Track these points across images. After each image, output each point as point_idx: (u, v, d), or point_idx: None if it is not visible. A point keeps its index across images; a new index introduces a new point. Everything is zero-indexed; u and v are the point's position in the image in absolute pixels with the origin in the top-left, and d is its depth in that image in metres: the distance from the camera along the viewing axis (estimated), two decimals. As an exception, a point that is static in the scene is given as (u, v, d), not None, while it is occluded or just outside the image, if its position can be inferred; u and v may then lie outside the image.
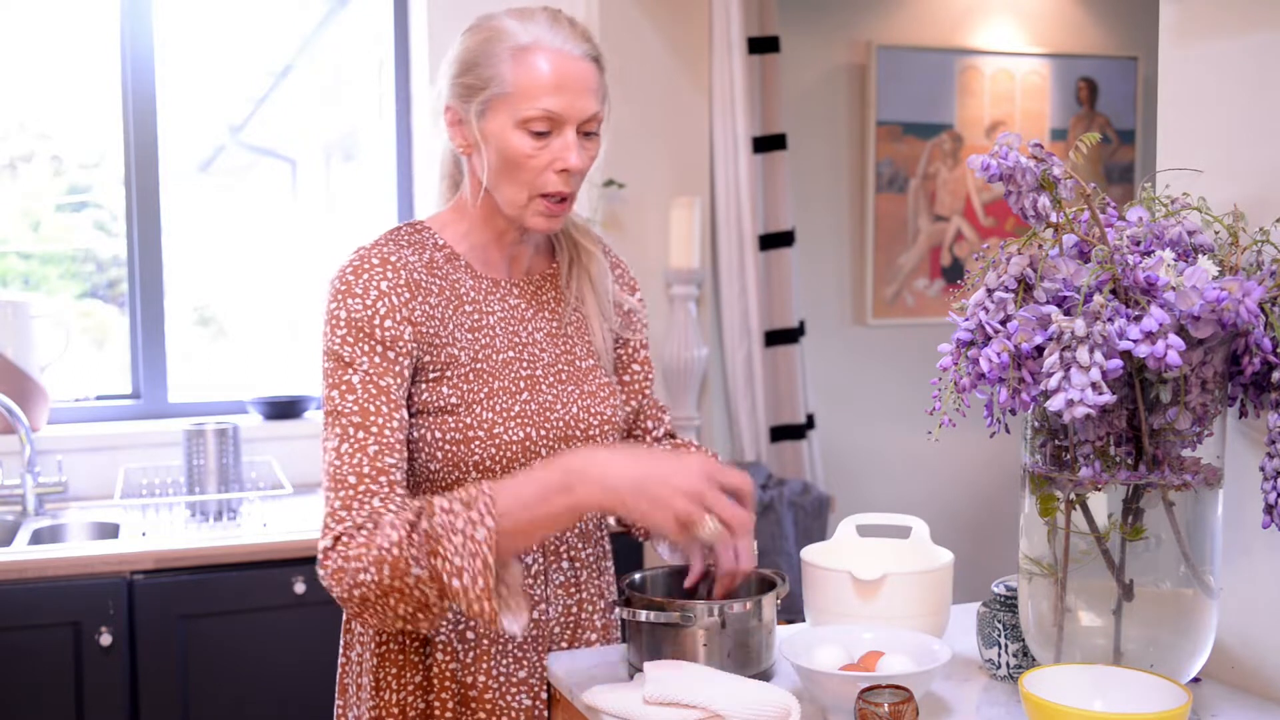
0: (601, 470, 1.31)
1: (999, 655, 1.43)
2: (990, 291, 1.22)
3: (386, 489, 1.36)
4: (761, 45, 3.51)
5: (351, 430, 1.37)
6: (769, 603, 1.44)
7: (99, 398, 3.12)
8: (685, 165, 3.41)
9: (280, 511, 2.74)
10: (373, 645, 1.52)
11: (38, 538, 2.63)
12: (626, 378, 1.67)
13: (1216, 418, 1.25)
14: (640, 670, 1.39)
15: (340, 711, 1.59)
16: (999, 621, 1.43)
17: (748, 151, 3.46)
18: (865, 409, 4.02)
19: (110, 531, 2.66)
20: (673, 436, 1.75)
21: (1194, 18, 1.44)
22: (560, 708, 1.50)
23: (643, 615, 1.40)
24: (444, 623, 1.47)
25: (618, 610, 1.43)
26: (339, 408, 1.38)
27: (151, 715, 2.39)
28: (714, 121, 3.46)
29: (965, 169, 4.07)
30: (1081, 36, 4.26)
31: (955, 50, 4.06)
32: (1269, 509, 1.23)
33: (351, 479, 1.35)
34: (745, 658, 1.41)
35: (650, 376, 1.70)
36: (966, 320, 1.23)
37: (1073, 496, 1.27)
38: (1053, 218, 1.24)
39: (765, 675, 1.43)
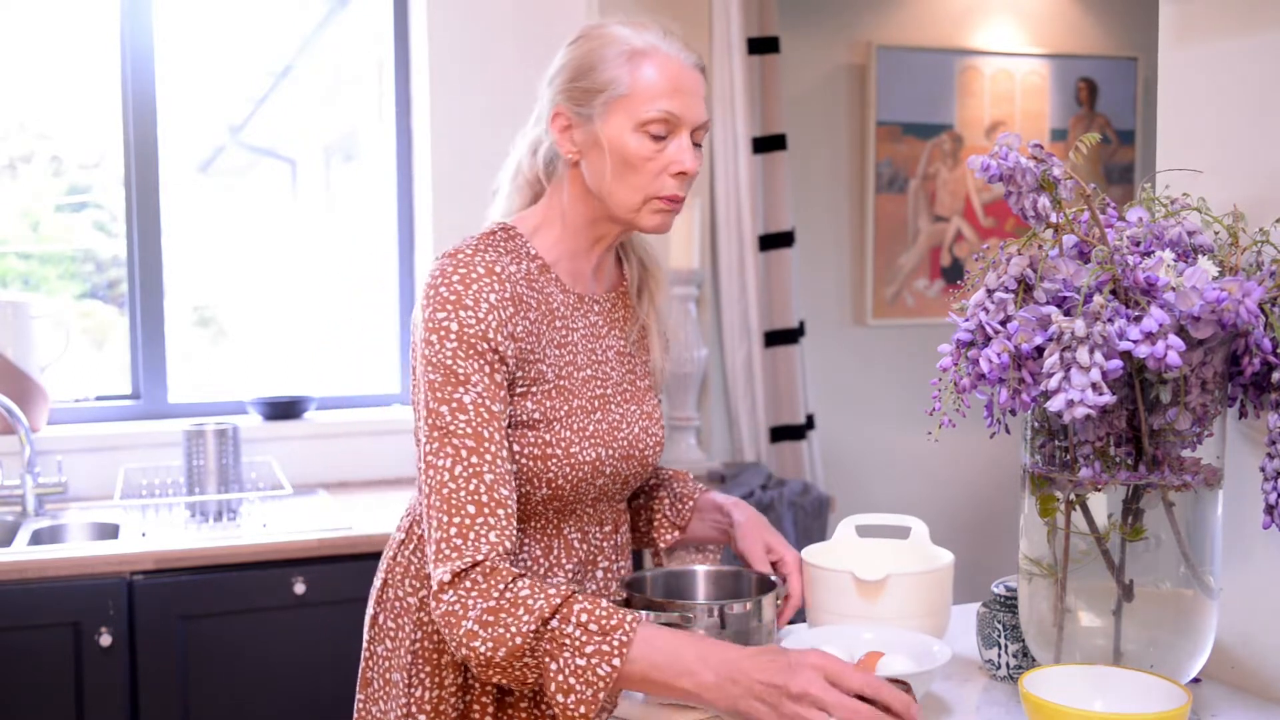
0: (725, 668, 1.24)
1: (999, 655, 1.43)
2: (990, 292, 1.22)
3: (504, 522, 1.35)
4: (761, 46, 3.51)
5: (465, 453, 1.36)
6: (769, 603, 1.44)
7: (99, 398, 3.12)
8: (685, 165, 3.41)
9: (280, 512, 2.74)
10: (407, 642, 1.51)
11: (38, 538, 2.63)
12: None
13: (1216, 418, 1.25)
14: None
15: (362, 704, 1.58)
16: (999, 622, 1.43)
17: (748, 152, 3.46)
18: (865, 409, 4.02)
19: (110, 532, 2.66)
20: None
21: (1194, 18, 1.44)
22: (560, 708, 1.50)
23: (643, 616, 1.40)
24: None
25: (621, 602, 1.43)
26: (450, 426, 1.37)
27: (151, 715, 2.39)
28: (714, 122, 3.46)
29: (965, 169, 4.07)
30: (1081, 37, 4.26)
31: (955, 50, 4.06)
32: (1269, 509, 1.23)
33: (470, 508, 1.34)
34: None
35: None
36: (966, 321, 1.23)
37: (1073, 497, 1.27)
38: (1053, 218, 1.24)
39: None
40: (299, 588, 2.47)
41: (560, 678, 1.26)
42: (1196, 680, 1.39)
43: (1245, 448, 1.38)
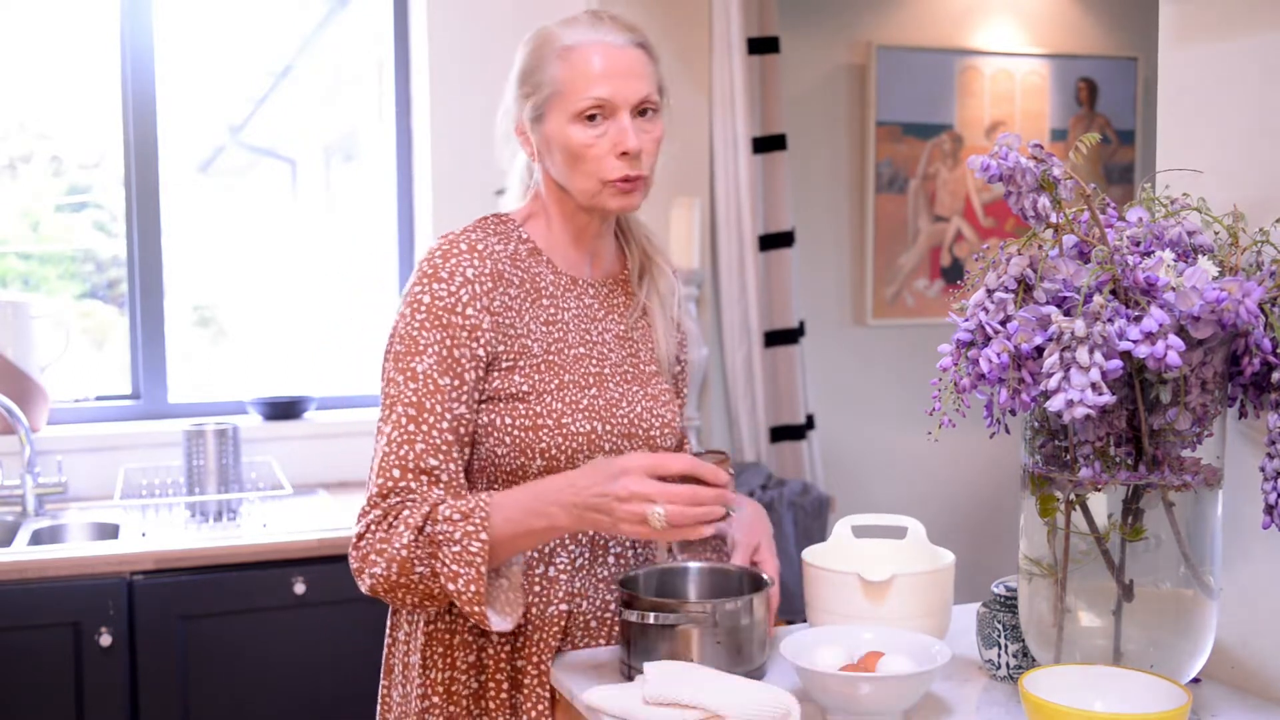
0: (564, 495, 1.38)
1: (999, 655, 1.43)
2: (990, 292, 1.22)
3: (426, 488, 1.43)
4: (761, 46, 3.51)
5: (404, 420, 1.44)
6: (760, 601, 1.44)
7: (99, 398, 3.12)
8: (685, 165, 3.41)
9: (280, 512, 2.74)
10: (422, 624, 1.55)
11: (38, 538, 2.63)
12: None
13: (1216, 418, 1.25)
14: (635, 670, 1.39)
15: (385, 691, 1.62)
16: (999, 622, 1.43)
17: (748, 152, 3.46)
18: (865, 409, 4.02)
19: (110, 532, 2.66)
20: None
21: (1194, 18, 1.44)
22: (561, 708, 1.50)
23: (651, 617, 1.40)
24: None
25: (621, 613, 1.43)
26: (399, 394, 1.45)
27: (151, 715, 2.39)
28: (714, 122, 3.46)
29: (965, 169, 4.07)
30: (1081, 37, 4.26)
31: (955, 50, 4.06)
32: (1269, 509, 1.23)
33: (395, 471, 1.43)
34: (739, 656, 1.41)
35: (683, 409, 1.77)
36: (966, 321, 1.23)
37: (1073, 497, 1.27)
38: (1053, 218, 1.24)
39: (759, 673, 1.43)
40: (299, 588, 2.47)
41: (447, 570, 1.37)
42: (1196, 680, 1.39)
43: (1245, 448, 1.38)
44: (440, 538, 1.37)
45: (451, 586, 1.36)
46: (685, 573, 1.58)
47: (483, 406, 1.49)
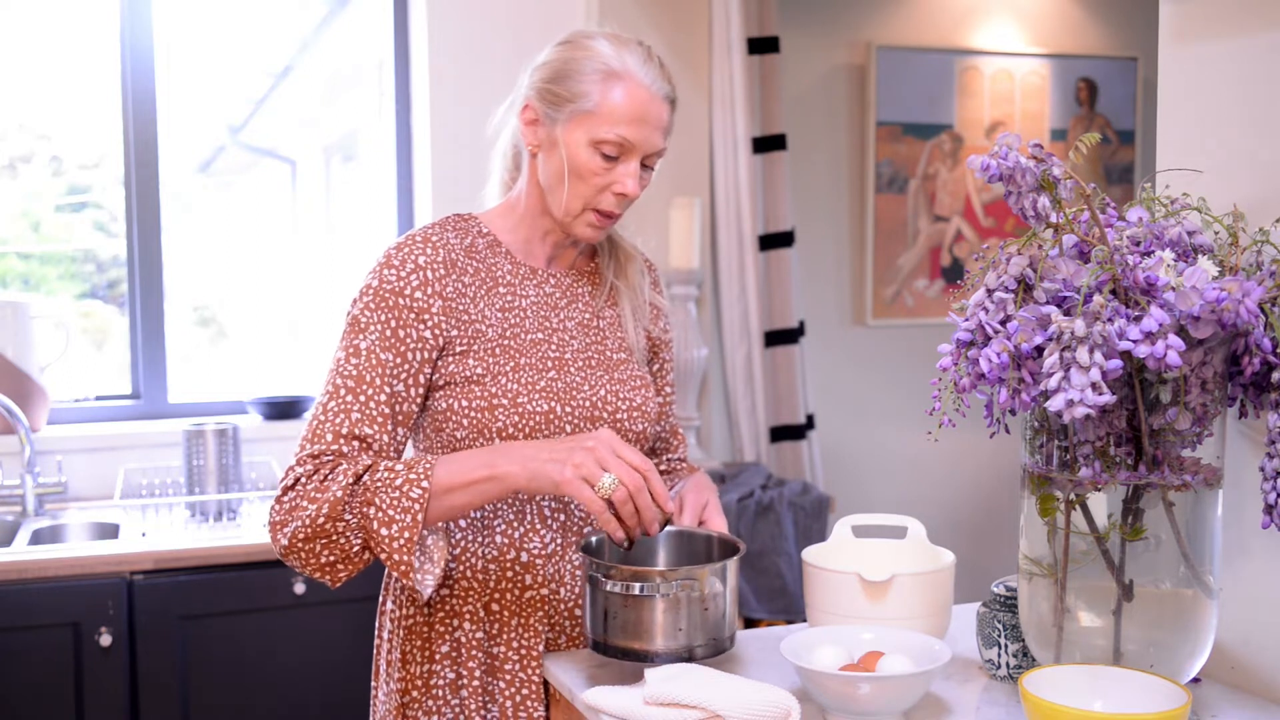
0: (527, 450, 1.39)
1: (999, 655, 1.43)
2: (990, 292, 1.22)
3: (358, 453, 1.44)
4: (761, 45, 3.51)
5: (343, 392, 1.46)
6: (733, 567, 1.42)
7: (99, 398, 3.12)
8: (685, 165, 3.41)
9: (280, 512, 2.74)
10: (402, 619, 1.57)
11: (37, 538, 2.63)
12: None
13: (1216, 418, 1.25)
14: (597, 643, 1.40)
15: (373, 693, 1.64)
16: (999, 622, 1.43)
17: (747, 152, 3.46)
18: (865, 409, 4.02)
19: (110, 532, 2.66)
20: (683, 461, 1.80)
21: (1194, 18, 1.44)
22: (560, 708, 1.50)
23: (637, 588, 1.35)
24: (434, 590, 1.52)
25: (591, 576, 1.39)
26: (340, 367, 1.48)
27: (151, 715, 2.39)
28: (714, 122, 3.46)
29: (965, 169, 4.07)
30: (1081, 37, 4.26)
31: (955, 50, 4.06)
32: (1269, 509, 1.23)
33: (328, 436, 1.44)
34: (723, 621, 1.39)
35: (672, 400, 1.77)
36: (966, 320, 1.23)
37: (1073, 497, 1.27)
38: (1053, 218, 1.24)
39: (730, 641, 1.41)
40: (299, 588, 2.47)
41: (381, 515, 1.38)
42: (1196, 680, 1.39)
43: (1245, 448, 1.38)
44: (379, 484, 1.38)
45: (385, 531, 1.37)
46: (653, 541, 1.52)
47: (440, 392, 1.51)
